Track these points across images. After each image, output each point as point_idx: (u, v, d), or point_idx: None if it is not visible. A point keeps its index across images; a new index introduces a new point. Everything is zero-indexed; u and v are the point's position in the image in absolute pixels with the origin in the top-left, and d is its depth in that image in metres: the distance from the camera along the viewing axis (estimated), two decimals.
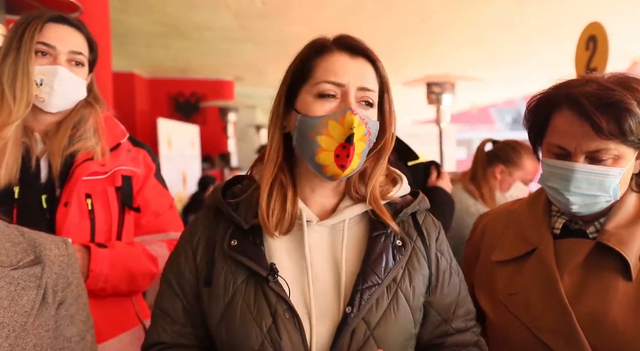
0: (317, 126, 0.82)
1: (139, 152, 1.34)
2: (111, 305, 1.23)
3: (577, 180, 0.94)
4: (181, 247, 0.91)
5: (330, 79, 0.82)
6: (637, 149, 0.94)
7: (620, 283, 0.92)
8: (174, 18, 4.16)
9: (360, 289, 0.83)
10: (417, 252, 0.90)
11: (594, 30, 2.14)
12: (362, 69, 0.85)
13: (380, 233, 0.88)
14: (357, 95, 0.83)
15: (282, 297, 0.81)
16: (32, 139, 1.19)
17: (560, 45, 5.02)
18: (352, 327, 0.81)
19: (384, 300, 0.84)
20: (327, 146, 0.81)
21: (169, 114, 6.69)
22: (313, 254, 0.86)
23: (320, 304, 0.83)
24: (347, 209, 0.89)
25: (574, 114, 0.93)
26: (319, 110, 0.82)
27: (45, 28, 1.16)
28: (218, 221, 0.89)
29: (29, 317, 0.79)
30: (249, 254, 0.83)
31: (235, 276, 0.84)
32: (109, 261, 1.17)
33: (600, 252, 0.95)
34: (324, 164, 0.82)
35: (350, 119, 0.80)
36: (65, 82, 1.18)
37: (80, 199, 1.18)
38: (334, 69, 0.83)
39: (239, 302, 0.82)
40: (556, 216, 1.04)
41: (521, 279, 1.01)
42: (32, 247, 0.84)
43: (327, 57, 0.84)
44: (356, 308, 0.82)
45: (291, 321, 0.80)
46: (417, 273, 0.88)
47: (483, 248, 1.13)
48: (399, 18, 4.23)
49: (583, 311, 0.91)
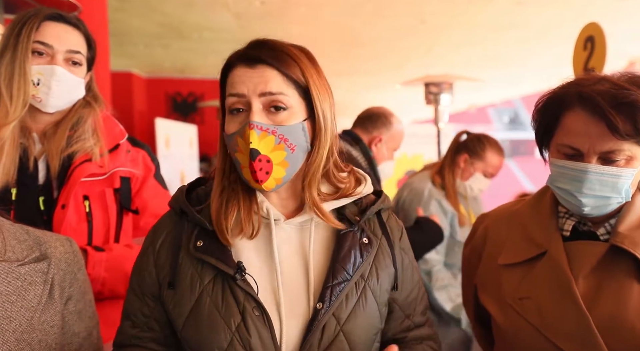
0: (231, 144, 0.84)
1: (139, 152, 1.33)
2: (109, 308, 1.21)
3: (590, 181, 0.92)
4: (144, 250, 0.91)
5: (232, 91, 0.83)
6: None
7: (635, 285, 0.90)
8: (173, 18, 4.15)
9: (331, 286, 0.84)
10: (383, 250, 0.92)
11: (591, 31, 2.14)
12: (262, 76, 0.82)
13: (348, 231, 0.89)
14: (264, 102, 0.82)
15: (250, 294, 0.81)
16: (29, 140, 1.17)
17: (558, 46, 5.02)
18: (322, 323, 0.82)
19: (353, 296, 0.86)
20: (243, 162, 0.82)
21: (167, 113, 6.68)
22: (281, 252, 0.86)
23: (289, 301, 0.84)
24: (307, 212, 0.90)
25: (588, 113, 0.90)
26: (231, 127, 0.83)
27: (42, 26, 1.14)
28: (183, 223, 0.88)
29: (35, 312, 0.80)
30: (215, 254, 0.83)
31: (202, 277, 0.83)
32: (106, 265, 1.16)
33: (614, 254, 0.93)
34: (247, 178, 0.83)
35: (247, 134, 0.80)
36: (62, 81, 1.16)
37: (77, 202, 1.17)
38: (233, 81, 0.83)
39: (206, 301, 0.82)
40: (564, 217, 1.02)
41: (531, 282, 0.99)
42: (37, 244, 0.85)
43: (231, 73, 0.85)
44: (327, 304, 0.83)
45: (260, 319, 0.81)
46: (383, 270, 0.91)
47: (487, 250, 1.12)
48: (398, 18, 4.23)
49: (600, 316, 0.90)
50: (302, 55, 0.86)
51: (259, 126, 0.80)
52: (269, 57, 0.83)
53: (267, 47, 0.84)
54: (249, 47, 0.86)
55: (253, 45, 0.86)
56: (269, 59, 0.83)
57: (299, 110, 0.85)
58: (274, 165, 0.82)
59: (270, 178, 0.82)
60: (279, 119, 0.83)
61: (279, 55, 0.84)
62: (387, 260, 0.92)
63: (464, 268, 1.23)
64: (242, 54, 0.85)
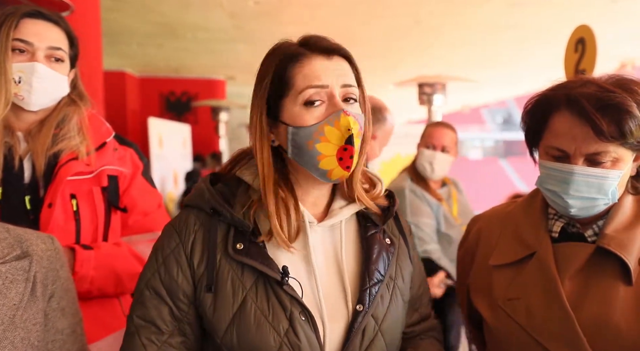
0: (313, 134, 0.81)
1: (126, 150, 1.32)
2: (98, 306, 1.21)
3: (576, 183, 0.93)
4: (169, 251, 0.85)
5: (314, 83, 0.81)
6: (635, 151, 0.93)
7: (620, 287, 0.91)
8: (167, 17, 4.14)
9: (368, 287, 0.86)
10: (402, 249, 0.95)
11: (582, 33, 2.16)
12: (340, 67, 0.84)
13: (374, 232, 0.91)
14: (342, 93, 0.83)
15: (296, 299, 0.81)
16: (14, 139, 1.16)
17: (550, 48, 5.05)
18: (363, 325, 0.84)
19: (386, 296, 0.88)
20: (328, 152, 0.81)
21: (160, 113, 6.66)
22: (315, 255, 0.86)
23: (329, 304, 0.84)
24: (344, 209, 0.90)
25: (574, 115, 0.92)
26: (310, 119, 0.81)
27: (21, 24, 1.12)
28: (215, 224, 0.85)
29: (17, 310, 0.80)
30: (258, 257, 0.82)
31: (243, 281, 0.81)
32: (95, 263, 1.15)
33: (601, 256, 0.94)
34: (329, 169, 0.82)
35: (346, 121, 0.80)
36: (44, 79, 1.14)
37: (64, 200, 1.16)
38: (315, 72, 0.82)
39: (251, 307, 0.80)
40: (554, 219, 1.03)
41: (520, 283, 0.99)
42: (18, 242, 0.85)
43: (304, 63, 0.82)
44: (367, 306, 0.84)
45: (307, 323, 0.81)
46: (405, 269, 0.94)
47: (479, 251, 1.12)
48: (392, 19, 4.24)
49: (585, 317, 0.91)
50: None
51: (351, 114, 0.81)
52: (341, 48, 0.84)
53: (331, 40, 0.85)
54: (316, 39, 0.84)
55: (318, 38, 0.84)
56: (342, 50, 0.84)
57: (360, 103, 0.87)
58: (356, 151, 0.83)
59: (353, 165, 0.83)
60: (354, 109, 0.84)
61: (346, 49, 0.85)
62: (407, 259, 0.95)
63: (459, 269, 1.23)
64: (315, 45, 0.83)
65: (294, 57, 0.83)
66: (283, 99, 0.83)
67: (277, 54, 0.85)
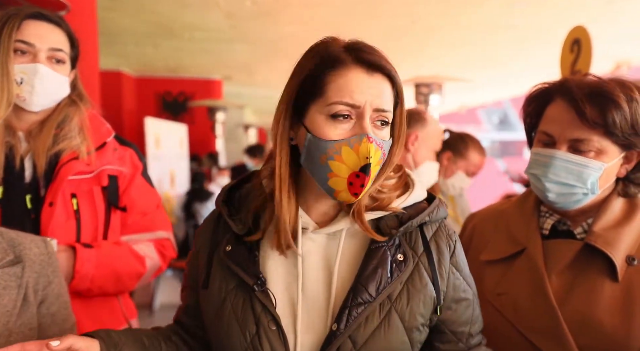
0: (328, 150, 0.75)
1: (126, 151, 1.33)
2: (97, 305, 1.22)
3: (555, 167, 0.95)
4: (195, 247, 0.92)
5: (345, 100, 0.74)
6: (622, 148, 0.94)
7: (606, 284, 0.92)
8: (163, 17, 4.13)
9: (349, 307, 0.77)
10: (421, 268, 0.82)
11: (578, 34, 2.18)
12: (379, 88, 0.76)
13: (379, 246, 0.81)
14: (373, 116, 0.76)
15: (267, 308, 0.79)
16: (15, 139, 1.17)
17: (547, 48, 5.07)
18: (336, 345, 0.77)
19: (375, 319, 0.78)
20: (339, 172, 0.75)
21: (157, 113, 6.64)
22: (306, 263, 0.81)
23: (307, 317, 0.80)
24: (346, 217, 0.82)
25: (565, 101, 0.95)
26: (331, 133, 0.75)
27: (23, 25, 1.13)
28: (219, 224, 0.88)
29: (11, 316, 0.79)
30: (240, 261, 0.82)
31: (228, 282, 0.83)
32: (95, 262, 1.15)
33: (588, 253, 0.95)
34: (336, 189, 0.77)
35: (366, 148, 0.73)
36: (46, 80, 1.15)
37: (65, 199, 1.17)
38: (350, 88, 0.75)
39: (228, 307, 0.81)
40: (545, 216, 1.04)
41: (510, 279, 1.01)
42: (11, 247, 0.84)
43: (341, 73, 0.75)
44: (343, 326, 0.77)
45: (275, 333, 0.78)
46: (419, 291, 0.81)
47: (472, 248, 1.14)
48: (389, 19, 4.25)
49: (570, 312, 0.92)
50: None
51: (375, 141, 0.75)
52: (387, 66, 0.77)
53: (380, 54, 0.78)
54: (363, 50, 0.77)
55: (366, 48, 0.77)
56: (387, 68, 0.77)
57: (395, 124, 0.82)
58: (370, 179, 0.77)
59: (364, 192, 0.77)
60: (382, 134, 0.78)
61: (392, 66, 0.78)
62: (426, 280, 0.81)
63: None
64: (359, 56, 0.76)
65: (332, 63, 0.76)
66: (311, 102, 0.77)
67: (317, 52, 0.78)
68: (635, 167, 0.99)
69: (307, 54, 0.80)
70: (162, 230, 1.36)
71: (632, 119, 0.91)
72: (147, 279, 1.32)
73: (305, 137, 0.77)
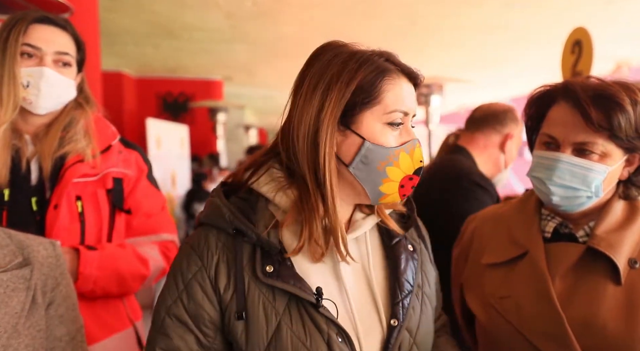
0: (388, 157, 0.78)
1: (131, 153, 1.34)
2: (101, 306, 1.23)
3: (560, 170, 0.95)
4: (191, 275, 0.78)
5: (402, 108, 0.79)
6: (625, 151, 0.95)
7: (609, 287, 0.92)
8: (164, 18, 4.13)
9: (400, 300, 0.83)
10: (425, 255, 0.93)
11: (579, 35, 2.18)
12: (415, 95, 0.84)
13: (398, 241, 0.89)
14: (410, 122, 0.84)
15: (332, 321, 0.77)
16: (22, 141, 1.18)
17: (546, 49, 5.08)
18: (400, 339, 0.81)
19: (417, 306, 0.86)
20: (394, 177, 0.79)
21: (157, 113, 6.65)
22: (344, 270, 0.83)
23: (363, 321, 0.81)
24: (366, 220, 0.87)
25: (569, 104, 0.94)
26: (391, 140, 0.79)
27: (29, 29, 1.15)
28: (238, 244, 0.78)
29: (20, 318, 0.79)
30: (291, 280, 0.76)
31: (276, 305, 0.76)
32: (99, 263, 1.16)
33: (591, 256, 0.95)
34: (386, 193, 0.80)
35: (420, 152, 0.81)
36: (52, 83, 1.16)
37: (70, 202, 1.18)
38: (403, 96, 0.80)
39: (287, 333, 0.75)
40: (547, 219, 1.04)
41: (512, 282, 1.01)
42: (20, 249, 0.84)
43: (395, 82, 0.79)
44: (401, 319, 0.82)
45: (344, 344, 0.77)
46: (429, 273, 0.92)
47: (472, 250, 1.14)
48: (389, 20, 4.25)
49: (574, 315, 0.92)
50: None
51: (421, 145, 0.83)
52: (418, 77, 0.84)
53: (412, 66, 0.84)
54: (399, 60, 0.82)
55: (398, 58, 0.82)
56: (419, 78, 0.84)
57: None
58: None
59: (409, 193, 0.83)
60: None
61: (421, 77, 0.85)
62: (430, 264, 0.94)
63: (453, 268, 1.25)
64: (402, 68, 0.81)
65: (385, 72, 0.79)
66: (365, 110, 0.78)
67: (364, 61, 0.79)
68: (637, 170, 0.99)
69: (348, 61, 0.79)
70: (166, 232, 1.37)
71: (636, 122, 0.91)
72: (150, 282, 1.33)
73: (362, 145, 0.78)
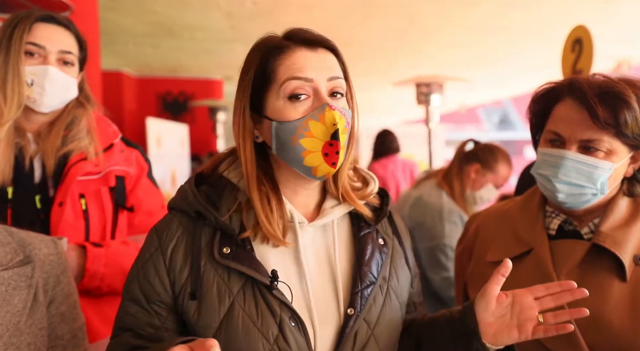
0: (297, 130, 0.78)
1: (132, 152, 1.34)
2: (106, 303, 1.23)
3: (566, 168, 0.95)
4: (147, 256, 0.81)
5: (295, 74, 0.78)
6: (630, 149, 0.95)
7: (615, 283, 0.93)
8: (164, 17, 4.13)
9: (360, 290, 0.82)
10: (397, 250, 0.91)
11: (579, 33, 2.18)
12: (326, 60, 0.80)
13: (367, 232, 0.88)
14: (328, 87, 0.80)
15: (286, 304, 0.78)
16: (25, 140, 1.19)
17: (546, 47, 5.08)
18: (355, 329, 0.80)
19: (379, 298, 0.84)
20: (313, 147, 0.78)
21: (157, 113, 6.65)
22: (306, 257, 0.83)
23: (320, 308, 0.81)
24: (335, 208, 0.86)
25: (575, 101, 0.94)
26: (294, 113, 0.78)
27: (34, 28, 1.16)
28: (198, 228, 0.81)
29: (22, 316, 0.79)
30: (246, 262, 0.78)
31: (230, 286, 0.78)
32: (105, 260, 1.17)
33: (596, 253, 0.96)
34: (314, 165, 0.79)
35: (331, 115, 0.76)
36: (56, 82, 1.17)
37: (74, 199, 1.18)
38: (298, 64, 0.78)
39: (239, 313, 0.76)
40: (551, 216, 1.04)
41: (517, 279, 1.00)
42: (21, 247, 0.84)
43: (287, 55, 0.79)
44: (358, 309, 0.81)
45: (297, 328, 0.77)
46: (400, 270, 0.90)
47: (476, 248, 1.14)
48: (388, 20, 4.26)
49: None
50: None
51: (337, 108, 0.77)
52: (327, 41, 0.81)
53: (315, 32, 0.81)
54: (300, 32, 0.81)
55: (302, 30, 0.81)
56: (327, 42, 0.81)
57: (346, 97, 0.84)
58: (343, 147, 0.79)
59: (339, 161, 0.79)
60: (341, 104, 0.81)
61: (331, 41, 0.82)
62: (402, 260, 0.91)
63: (456, 266, 1.25)
64: (299, 37, 0.80)
65: (277, 49, 0.80)
66: (266, 93, 0.80)
67: (260, 47, 0.82)
68: None
69: (250, 53, 0.83)
70: None
71: None
72: None
73: (271, 126, 0.79)
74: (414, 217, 2.08)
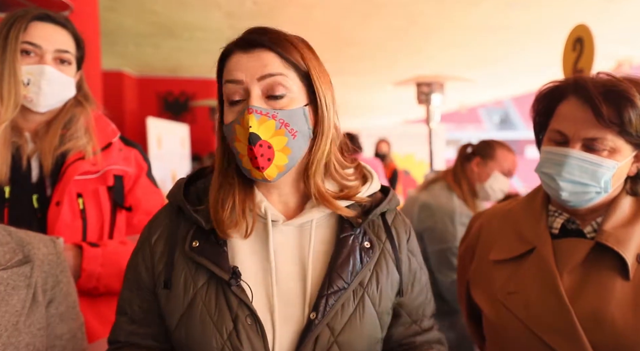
0: (231, 133, 0.79)
1: (131, 151, 1.34)
2: (104, 303, 1.23)
3: (570, 166, 0.94)
4: (140, 244, 0.87)
5: (227, 77, 0.79)
6: (634, 147, 0.95)
7: (618, 282, 0.92)
8: (164, 17, 4.13)
9: (326, 295, 0.79)
10: (386, 254, 0.87)
11: (580, 32, 2.18)
12: (260, 60, 0.78)
13: (348, 234, 0.84)
14: (262, 87, 0.78)
15: (244, 302, 0.78)
16: (22, 139, 1.18)
17: (547, 47, 5.08)
18: (315, 334, 0.78)
19: (350, 305, 0.81)
20: (242, 151, 0.78)
21: (158, 113, 6.65)
22: (278, 256, 0.82)
23: (284, 309, 0.80)
24: (314, 209, 0.84)
25: (579, 99, 0.94)
26: (229, 116, 0.80)
27: (30, 27, 1.15)
28: (180, 220, 0.84)
29: (20, 316, 0.79)
30: (210, 256, 0.79)
31: (196, 279, 0.80)
32: (102, 260, 1.16)
33: (599, 252, 0.95)
34: (248, 168, 0.79)
35: (246, 119, 0.76)
36: (52, 81, 1.16)
37: (71, 199, 1.17)
38: (230, 68, 0.79)
39: (199, 305, 0.78)
40: (554, 215, 1.04)
41: (520, 278, 1.01)
42: (20, 246, 0.84)
43: (228, 60, 0.80)
44: (320, 314, 0.78)
45: (253, 327, 0.77)
46: (386, 276, 0.85)
47: (479, 247, 1.14)
48: (388, 20, 4.25)
49: (583, 310, 0.92)
50: (300, 42, 0.83)
51: (258, 111, 0.76)
52: (265, 40, 0.79)
53: (263, 32, 0.81)
54: (245, 33, 0.82)
55: (249, 31, 0.82)
56: (266, 42, 0.79)
57: (299, 95, 0.80)
58: (275, 151, 0.77)
59: (272, 165, 0.77)
60: (279, 105, 0.78)
61: (276, 39, 0.80)
62: (391, 265, 0.86)
63: (459, 265, 1.25)
64: (238, 41, 0.81)
65: (223, 55, 0.82)
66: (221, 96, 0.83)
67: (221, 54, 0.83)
68: None
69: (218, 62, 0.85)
70: None
71: None
72: None
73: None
74: (423, 220, 2.05)
